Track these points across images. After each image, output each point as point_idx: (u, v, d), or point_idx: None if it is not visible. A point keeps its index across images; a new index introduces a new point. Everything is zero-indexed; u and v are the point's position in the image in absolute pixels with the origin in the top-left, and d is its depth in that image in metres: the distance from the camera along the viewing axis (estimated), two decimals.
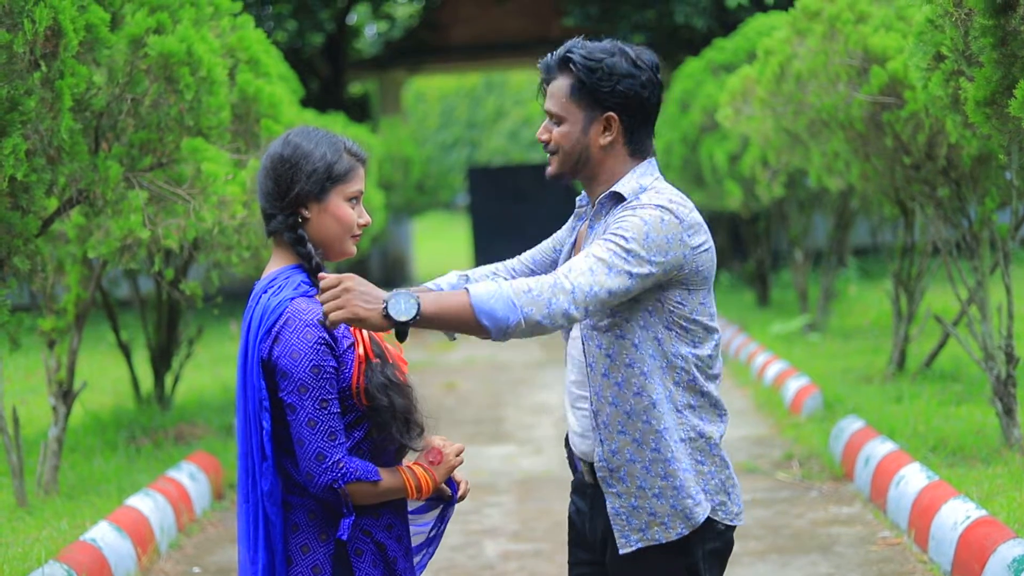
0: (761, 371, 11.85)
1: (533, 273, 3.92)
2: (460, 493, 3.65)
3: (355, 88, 28.24)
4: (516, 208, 25.28)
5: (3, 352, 7.99)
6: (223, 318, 16.21)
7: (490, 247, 25.49)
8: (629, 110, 3.62)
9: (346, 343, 3.39)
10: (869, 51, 8.47)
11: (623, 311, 3.53)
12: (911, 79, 7.77)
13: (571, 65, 3.59)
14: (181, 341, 10.60)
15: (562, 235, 3.92)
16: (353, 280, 3.22)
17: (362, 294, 3.20)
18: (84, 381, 8.53)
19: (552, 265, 3.89)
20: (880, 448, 7.78)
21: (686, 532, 3.57)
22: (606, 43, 3.63)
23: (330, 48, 24.94)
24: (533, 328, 3.30)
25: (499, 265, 4.00)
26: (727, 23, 20.08)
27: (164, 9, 6.76)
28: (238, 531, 3.48)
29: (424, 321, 3.24)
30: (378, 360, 3.42)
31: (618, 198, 3.60)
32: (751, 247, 17.81)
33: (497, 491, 8.59)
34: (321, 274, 3.26)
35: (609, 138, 3.62)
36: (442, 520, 3.69)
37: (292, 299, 3.39)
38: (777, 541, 7.13)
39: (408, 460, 3.55)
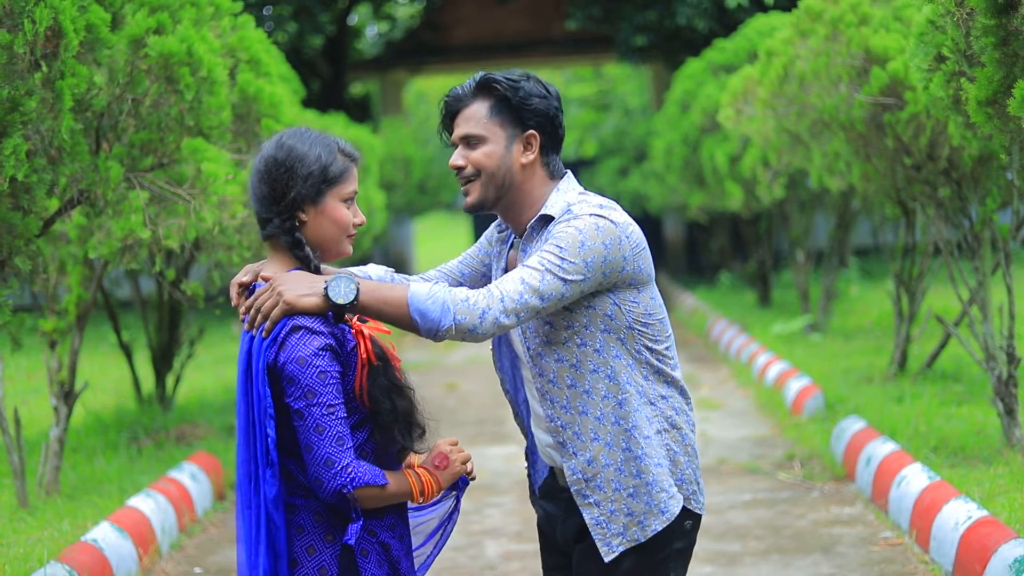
0: (762, 371, 11.84)
1: (460, 285, 3.95)
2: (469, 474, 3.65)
3: (356, 88, 28.25)
4: None
5: (5, 352, 8.00)
6: (224, 318, 16.22)
7: None
8: (545, 129, 3.68)
9: (349, 346, 3.39)
10: (870, 52, 8.48)
11: (581, 320, 3.58)
12: (912, 80, 7.77)
13: (494, 85, 3.64)
14: (182, 341, 10.60)
15: (479, 251, 3.94)
16: (283, 276, 3.36)
17: (296, 283, 3.35)
18: (85, 381, 8.53)
19: (484, 280, 3.92)
20: (881, 448, 7.78)
21: (660, 528, 3.61)
22: (516, 70, 3.71)
23: (331, 48, 24.95)
24: (465, 335, 3.42)
25: (431, 272, 4.02)
26: (728, 24, 20.09)
27: (164, 9, 6.76)
28: (238, 535, 3.48)
29: (360, 307, 3.36)
30: (380, 363, 3.42)
31: (548, 220, 3.65)
32: (752, 247, 17.82)
33: (498, 491, 8.59)
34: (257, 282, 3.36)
35: (531, 156, 3.66)
36: (449, 519, 3.71)
37: None
38: (779, 541, 7.13)
39: (414, 460, 3.56)
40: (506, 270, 3.78)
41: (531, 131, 3.66)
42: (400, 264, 25.09)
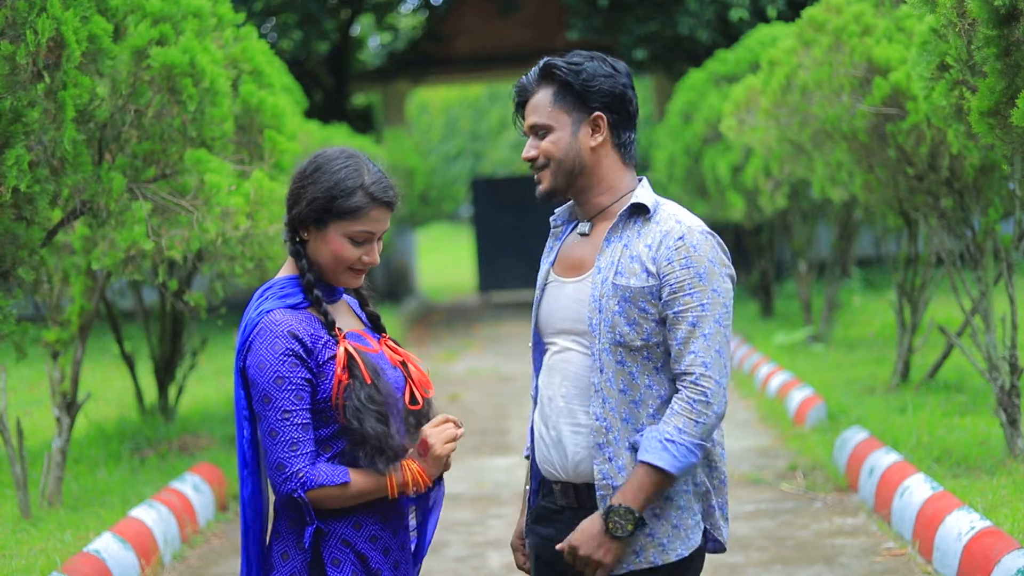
0: (765, 382, 11.84)
1: None
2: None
3: (359, 99, 28.28)
4: (520, 219, 25.27)
5: (7, 363, 8.00)
6: (227, 329, 16.21)
7: (494, 258, 25.49)
8: (614, 108, 3.60)
9: (326, 355, 3.38)
10: (873, 62, 8.49)
11: (658, 336, 3.53)
12: (913, 90, 7.78)
13: (555, 71, 3.58)
14: (185, 352, 10.60)
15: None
16: (582, 541, 3.50)
17: (599, 547, 3.48)
18: (88, 392, 8.53)
19: None
20: (884, 459, 7.77)
21: (683, 554, 3.55)
22: (583, 52, 3.66)
23: (334, 59, 24.98)
24: (718, 425, 3.51)
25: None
26: (730, 35, 20.10)
27: (167, 20, 6.77)
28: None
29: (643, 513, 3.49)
30: (356, 381, 3.37)
31: (641, 209, 3.59)
32: (754, 258, 17.80)
33: (501, 502, 8.58)
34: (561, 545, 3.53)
35: (600, 139, 3.60)
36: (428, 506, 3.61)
37: (270, 311, 3.40)
38: (781, 552, 7.12)
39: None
40: (553, 264, 3.72)
41: (598, 112, 3.59)
42: (403, 274, 25.09)
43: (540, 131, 3.61)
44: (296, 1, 21.64)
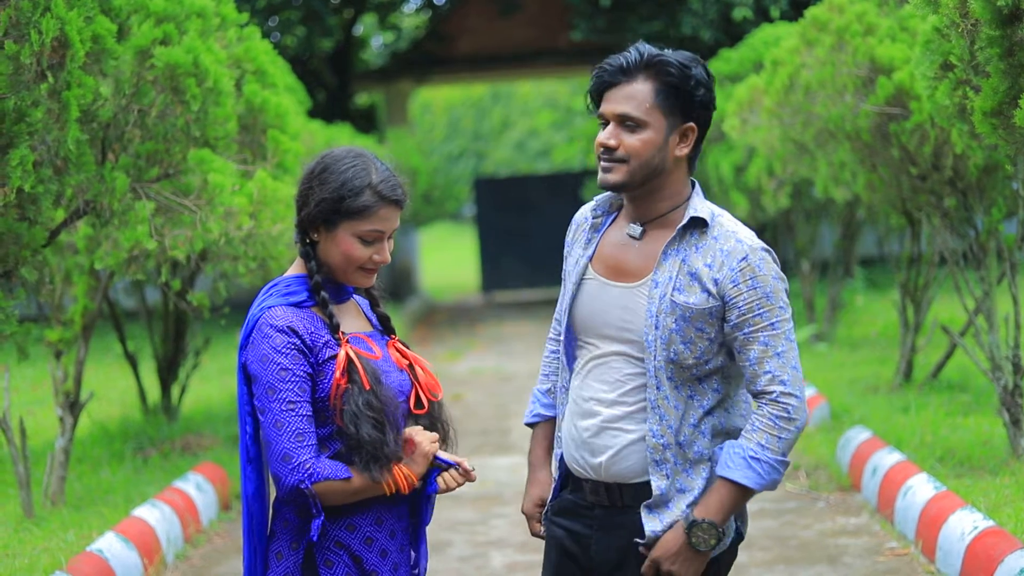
0: None
1: None
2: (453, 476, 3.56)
3: (361, 99, 28.28)
4: (523, 219, 25.26)
5: (10, 363, 8.01)
6: (230, 328, 16.18)
7: (496, 258, 25.47)
8: (703, 122, 3.52)
9: (326, 354, 3.38)
10: (876, 62, 8.49)
11: (709, 354, 3.53)
12: (917, 90, 7.77)
13: (666, 68, 3.45)
14: (188, 352, 10.60)
15: (564, 273, 3.79)
16: (664, 556, 3.49)
17: (683, 561, 3.48)
18: (91, 392, 8.53)
19: None
20: (887, 458, 7.77)
21: (728, 544, 3.60)
22: (686, 53, 3.52)
23: (337, 59, 24.98)
24: (799, 436, 3.57)
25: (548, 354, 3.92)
26: (733, 35, 20.09)
27: (170, 20, 6.77)
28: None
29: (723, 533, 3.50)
30: (354, 385, 3.36)
31: (698, 222, 3.53)
32: None
33: (504, 502, 8.58)
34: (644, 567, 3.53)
35: (686, 150, 3.51)
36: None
37: (271, 307, 3.40)
38: (784, 552, 7.12)
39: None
40: (591, 259, 3.63)
41: (691, 124, 3.50)
42: (406, 274, 25.09)
43: (630, 123, 3.48)
44: None
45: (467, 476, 3.52)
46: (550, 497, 3.77)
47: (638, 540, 3.55)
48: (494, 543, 7.62)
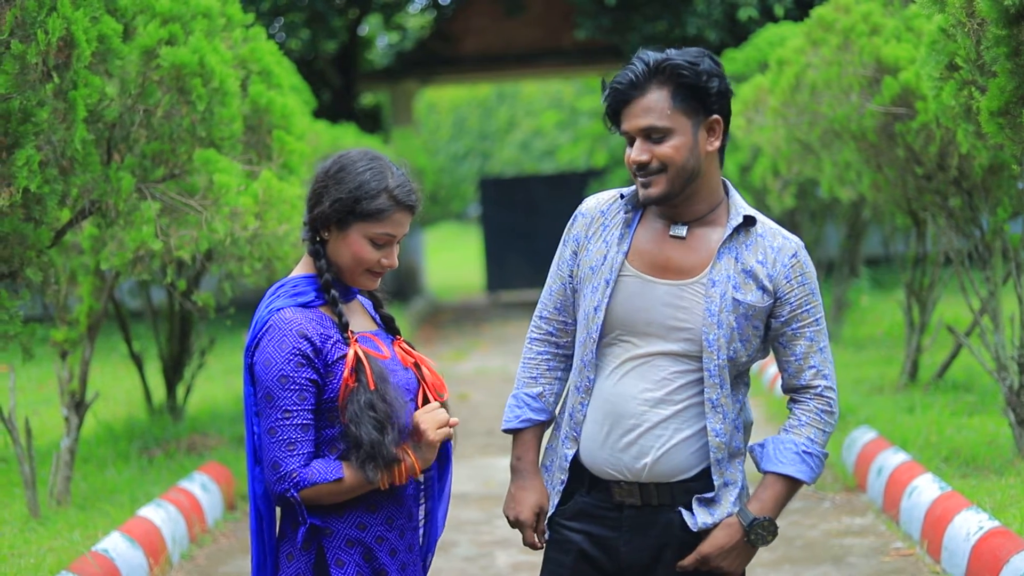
0: (773, 382, 11.82)
1: (567, 326, 3.76)
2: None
3: (367, 99, 28.29)
4: (528, 219, 25.26)
5: (16, 363, 8.01)
6: (235, 329, 16.22)
7: (502, 258, 25.47)
8: (725, 112, 3.50)
9: (336, 355, 3.38)
10: (882, 62, 8.48)
11: (758, 353, 3.60)
12: (923, 89, 7.77)
13: (678, 71, 3.42)
14: (193, 352, 10.61)
15: (564, 268, 3.72)
16: (718, 552, 3.52)
17: (737, 556, 3.53)
18: (96, 392, 8.53)
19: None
20: (893, 459, 7.77)
21: None
22: (690, 48, 3.51)
23: (342, 59, 24.99)
24: (834, 426, 3.61)
25: (534, 354, 3.92)
26: (738, 35, 20.09)
27: (176, 20, 6.78)
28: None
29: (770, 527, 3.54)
30: (359, 385, 3.36)
31: (749, 221, 3.55)
32: None
33: None
34: None
35: (716, 143, 3.48)
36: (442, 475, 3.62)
37: (280, 309, 3.40)
38: (790, 552, 7.11)
39: None
40: (627, 254, 3.55)
41: (715, 116, 3.47)
42: (411, 274, 25.10)
43: (656, 135, 3.44)
44: (303, 0, 21.67)
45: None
46: (555, 503, 3.68)
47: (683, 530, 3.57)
48: (499, 543, 7.62)
